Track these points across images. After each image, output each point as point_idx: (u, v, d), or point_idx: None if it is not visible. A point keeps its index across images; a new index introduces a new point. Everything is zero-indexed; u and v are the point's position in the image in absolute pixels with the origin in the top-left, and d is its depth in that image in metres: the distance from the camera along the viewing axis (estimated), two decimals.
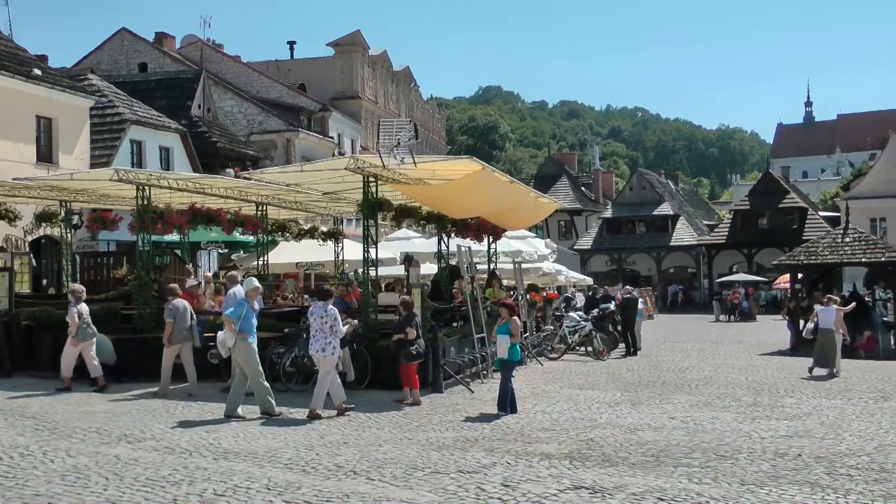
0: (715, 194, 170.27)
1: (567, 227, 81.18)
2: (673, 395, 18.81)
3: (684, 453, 12.47)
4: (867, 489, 10.49)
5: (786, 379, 22.20)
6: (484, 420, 15.23)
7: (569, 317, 29.48)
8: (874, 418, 15.96)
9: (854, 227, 34.37)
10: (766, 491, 10.32)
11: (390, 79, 71.74)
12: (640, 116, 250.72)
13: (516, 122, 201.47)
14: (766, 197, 70.45)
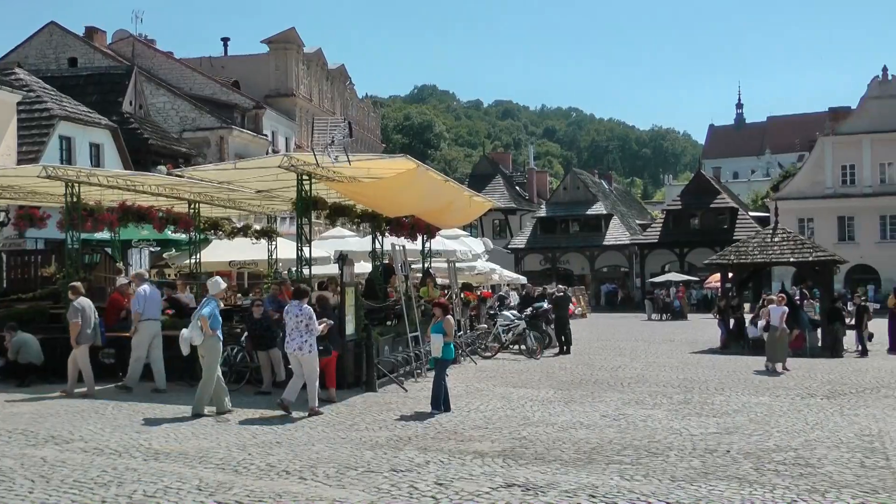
0: (648, 194, 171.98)
1: (501, 227, 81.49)
2: (605, 394, 18.96)
3: (616, 450, 12.58)
4: (793, 484, 10.67)
5: (716, 377, 22.48)
6: (417, 419, 15.23)
7: (502, 315, 29.61)
8: (801, 415, 16.23)
9: (783, 227, 34.92)
10: (696, 487, 10.45)
11: (325, 77, 71.42)
12: (574, 116, 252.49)
13: (451, 122, 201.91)
14: (698, 197, 71.36)
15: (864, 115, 66.46)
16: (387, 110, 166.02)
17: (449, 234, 31.43)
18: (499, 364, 25.29)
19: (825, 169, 67.57)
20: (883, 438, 13.76)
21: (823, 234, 63.41)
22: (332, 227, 30.08)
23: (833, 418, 15.85)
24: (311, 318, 15.85)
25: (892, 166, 65.80)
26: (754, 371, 24.04)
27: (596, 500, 9.78)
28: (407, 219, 25.15)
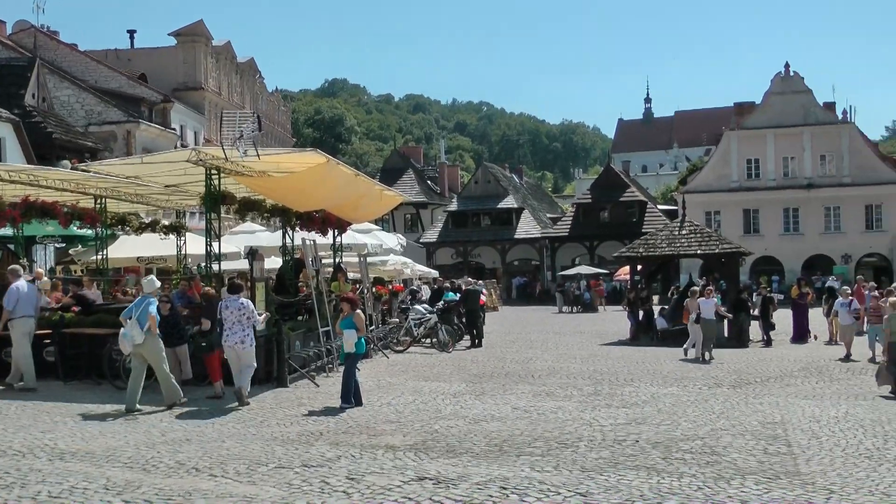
0: (558, 188, 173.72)
1: (413, 221, 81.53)
2: (516, 386, 19.09)
3: (527, 442, 12.68)
4: (700, 472, 10.87)
5: (625, 368, 22.77)
6: (329, 414, 15.17)
7: (414, 309, 29.62)
8: (707, 404, 16.53)
9: (690, 220, 35.52)
10: (606, 477, 10.58)
11: (234, 70, 70.64)
12: (485, 111, 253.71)
13: (362, 116, 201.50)
14: (608, 191, 72.18)
15: (768, 110, 67.92)
16: (297, 104, 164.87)
17: (360, 229, 31.34)
18: (411, 358, 25.30)
19: (731, 163, 68.90)
20: (785, 426, 14.09)
21: (730, 227, 64.64)
22: (241, 222, 29.76)
23: (738, 407, 16.18)
24: (252, 311, 16.25)
25: (794, 160, 67.32)
26: (679, 359, 24.79)
27: (507, 492, 9.84)
28: (318, 213, 24.97)
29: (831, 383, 19.78)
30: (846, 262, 65.52)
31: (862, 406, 16.36)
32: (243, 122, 18.14)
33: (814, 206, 66.85)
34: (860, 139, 68.24)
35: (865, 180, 65.78)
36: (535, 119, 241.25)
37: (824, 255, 66.24)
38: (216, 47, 66.65)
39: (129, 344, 15.43)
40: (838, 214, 66.77)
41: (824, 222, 67.07)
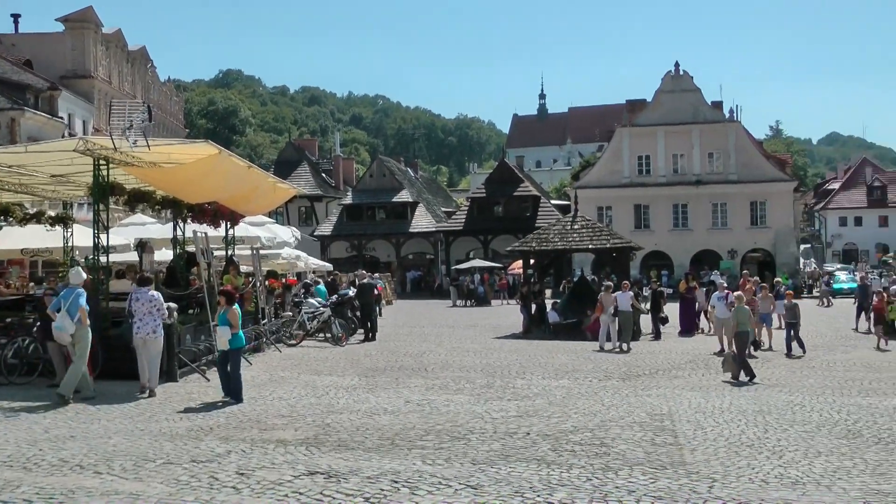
0: (453, 182, 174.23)
1: (307, 214, 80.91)
2: (409, 380, 19.12)
3: (419, 435, 12.71)
4: (589, 463, 11.04)
5: (518, 361, 22.97)
6: (219, 409, 15.00)
7: (308, 303, 29.45)
8: (598, 396, 16.79)
9: (582, 215, 35.96)
10: (496, 469, 10.67)
11: (125, 58, 69.25)
12: (381, 104, 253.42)
13: (257, 107, 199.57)
14: (502, 185, 72.61)
15: (659, 108, 69.09)
16: (191, 94, 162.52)
17: (253, 221, 30.98)
18: (304, 352, 25.15)
19: (623, 159, 69.90)
20: (672, 417, 14.39)
21: (621, 222, 65.66)
22: (131, 214, 29.20)
23: (628, 399, 16.47)
24: (162, 303, 16.96)
25: (683, 157, 68.61)
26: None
27: (398, 486, 9.86)
28: (210, 205, 24.60)
29: (716, 375, 20.23)
30: (732, 256, 67.10)
31: (745, 397, 16.80)
32: (133, 112, 17.77)
33: (702, 202, 68.25)
34: (746, 138, 69.88)
35: (751, 178, 67.40)
36: (431, 113, 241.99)
37: (711, 251, 67.70)
38: (106, 35, 65.25)
39: (66, 336, 15.59)
40: (725, 211, 68.29)
41: (712, 218, 68.53)
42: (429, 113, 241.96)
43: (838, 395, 17.07)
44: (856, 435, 13.04)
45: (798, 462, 11.23)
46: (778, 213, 67.60)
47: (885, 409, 15.48)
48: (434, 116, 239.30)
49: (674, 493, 9.64)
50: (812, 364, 22.69)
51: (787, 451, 11.85)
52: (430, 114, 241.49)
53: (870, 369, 20.99)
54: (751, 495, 9.60)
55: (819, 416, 14.64)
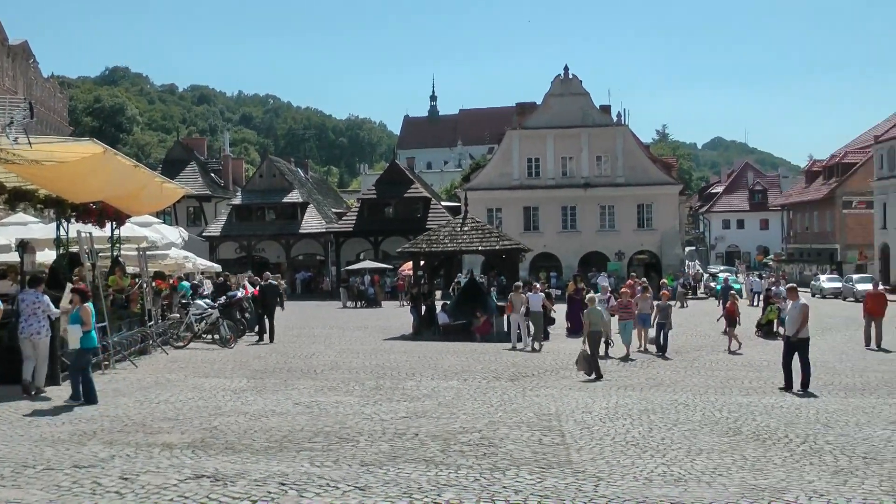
0: (344, 183, 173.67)
1: (196, 214, 79.68)
2: (298, 381, 19.00)
3: (307, 437, 12.65)
4: (476, 463, 11.12)
5: (407, 362, 23.01)
6: (103, 412, 14.69)
7: (195, 304, 29.04)
8: (486, 397, 16.91)
9: (472, 216, 36.16)
10: (385, 470, 10.68)
11: (6, 53, 67.32)
12: (271, 104, 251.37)
13: (145, 105, 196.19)
14: (393, 187, 72.61)
15: (548, 111, 69.85)
16: (75, 92, 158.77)
17: (140, 221, 30.40)
18: (191, 354, 24.78)
19: (513, 161, 70.47)
20: (559, 417, 14.59)
21: (510, 224, 66.18)
22: (12, 213, 28.38)
23: (516, 400, 16.63)
24: (49, 304, 16.86)
25: (572, 160, 69.47)
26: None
27: (286, 488, 9.80)
28: (95, 205, 24.07)
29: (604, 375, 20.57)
30: (619, 258, 68.23)
31: (631, 396, 17.12)
32: (14, 108, 17.35)
33: (590, 204, 69.21)
34: (633, 142, 71.11)
35: (637, 181, 68.62)
36: (322, 113, 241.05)
37: (599, 252, 68.74)
38: None
39: None
40: (612, 213, 69.36)
41: (599, 220, 69.53)
42: (320, 113, 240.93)
43: (720, 394, 17.51)
44: (736, 432, 13.40)
45: (681, 460, 11.49)
46: (664, 216, 68.97)
47: (763, 406, 15.94)
48: (325, 117, 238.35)
49: (560, 493, 9.77)
50: (696, 364, 23.22)
51: (670, 450, 12.11)
52: (321, 114, 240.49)
53: (750, 368, 21.56)
54: (635, 493, 9.78)
55: (702, 415, 15.00)
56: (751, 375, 20.36)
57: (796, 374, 18.53)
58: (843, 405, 16.27)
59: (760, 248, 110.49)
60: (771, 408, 15.83)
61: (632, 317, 25.75)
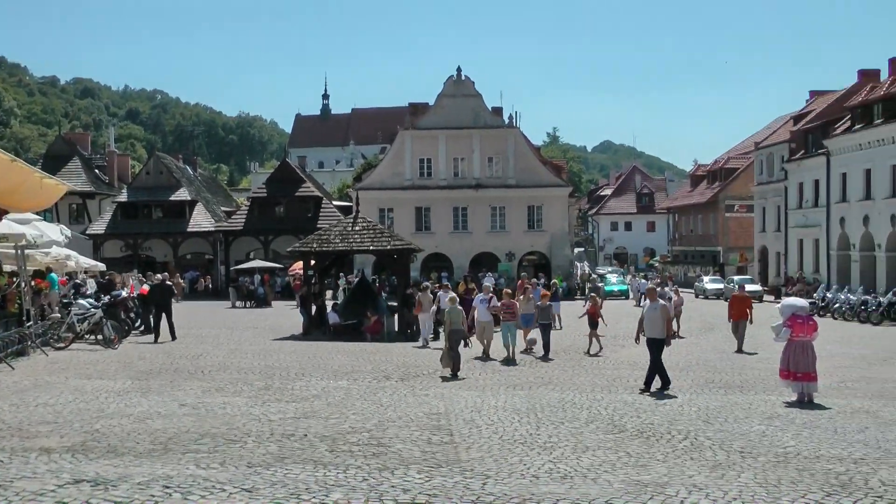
0: (234, 181, 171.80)
1: (79, 211, 77.76)
2: (185, 382, 18.68)
3: (193, 439, 12.43)
4: (365, 463, 11.07)
5: (297, 362, 22.84)
6: None
7: (78, 304, 28.33)
8: (376, 397, 16.86)
9: (364, 216, 36.07)
10: (272, 471, 10.56)
11: None
12: (159, 99, 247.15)
13: (24, 98, 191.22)
14: (283, 185, 71.98)
15: (440, 111, 70.06)
16: None
17: (19, 218, 29.55)
18: (73, 355, 24.13)
19: (405, 161, 70.51)
20: (449, 416, 14.63)
21: (402, 224, 66.19)
22: None
23: (405, 399, 16.63)
24: None
25: (464, 161, 69.82)
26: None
27: (170, 492, 9.60)
28: None
29: (493, 374, 20.76)
30: (510, 259, 68.85)
31: (519, 395, 17.27)
32: None
33: (481, 205, 69.66)
34: (524, 144, 71.78)
35: (528, 182, 69.33)
36: (212, 110, 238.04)
37: (490, 253, 69.25)
38: None
39: None
40: (503, 214, 69.94)
41: (490, 221, 70.05)
42: (209, 110, 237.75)
43: (606, 392, 17.78)
44: (621, 429, 13.62)
45: (567, 457, 11.62)
46: (553, 218, 69.83)
47: (647, 404, 16.26)
48: (215, 114, 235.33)
49: (448, 491, 9.78)
50: (583, 363, 23.56)
51: (557, 447, 12.24)
52: (211, 111, 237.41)
53: (635, 367, 21.89)
54: (522, 491, 9.85)
55: (588, 413, 15.20)
56: (636, 374, 20.65)
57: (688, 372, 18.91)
58: (723, 402, 16.70)
59: (647, 250, 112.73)
60: (655, 405, 16.15)
61: (514, 318, 25.51)
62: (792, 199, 66.30)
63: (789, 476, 10.71)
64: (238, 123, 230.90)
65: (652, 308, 18.97)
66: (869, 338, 32.50)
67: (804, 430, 13.81)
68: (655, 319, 18.72)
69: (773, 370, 18.16)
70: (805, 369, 17.05)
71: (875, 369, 22.76)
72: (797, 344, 17.25)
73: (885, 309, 39.65)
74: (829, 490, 10.04)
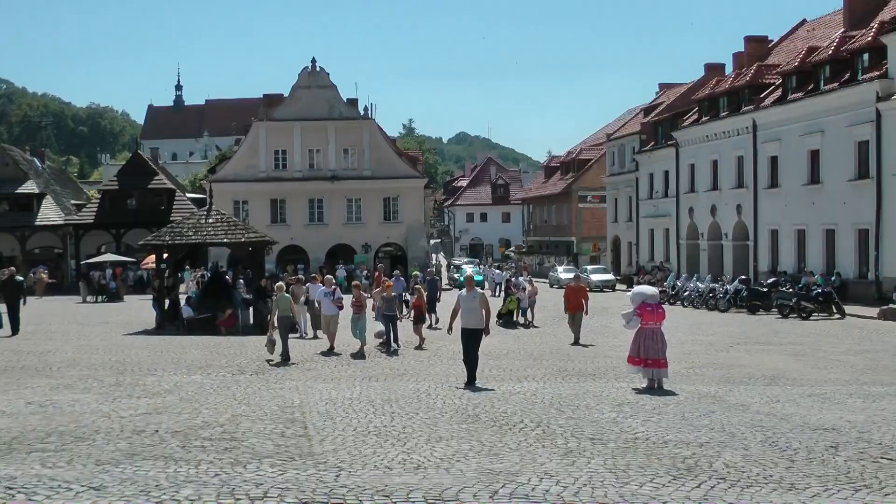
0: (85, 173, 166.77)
1: None
2: (32, 380, 18.20)
3: (39, 438, 12.17)
4: (218, 458, 11.02)
5: (150, 357, 22.48)
6: None
7: None
8: (230, 391, 16.77)
9: (217, 208, 35.61)
10: (122, 469, 10.41)
11: None
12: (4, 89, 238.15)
13: None
14: (136, 178, 70.44)
15: (295, 103, 69.63)
16: None
17: None
18: None
19: (259, 153, 69.89)
20: (303, 409, 14.65)
21: (258, 216, 65.60)
22: None
23: (260, 393, 16.58)
24: None
25: (319, 153, 69.61)
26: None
27: (13, 492, 9.38)
28: None
29: (347, 366, 20.85)
30: (366, 251, 68.96)
31: (374, 387, 17.38)
32: None
33: (337, 197, 69.57)
34: (380, 135, 71.94)
35: (384, 174, 69.56)
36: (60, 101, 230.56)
37: (347, 245, 69.20)
38: None
39: None
40: (360, 206, 70.01)
41: (346, 213, 70.06)
42: (58, 100, 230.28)
43: (461, 382, 17.97)
44: (475, 419, 13.84)
45: (421, 448, 11.76)
46: (410, 209, 70.21)
47: (501, 393, 16.54)
48: (64, 104, 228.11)
49: (301, 484, 9.81)
50: (438, 354, 23.82)
51: (411, 438, 12.38)
52: (60, 101, 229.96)
53: (490, 357, 22.20)
54: (375, 482, 9.92)
55: (443, 403, 15.41)
56: (490, 364, 20.99)
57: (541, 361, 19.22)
58: (575, 390, 17.09)
59: (503, 241, 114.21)
60: (509, 394, 16.43)
61: (362, 311, 24.71)
62: (643, 189, 68.12)
63: (638, 461, 10.99)
64: (88, 114, 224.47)
65: (470, 297, 18.35)
66: (716, 325, 33.61)
67: (653, 415, 14.20)
68: (474, 309, 18.17)
69: (625, 358, 18.53)
70: (655, 356, 17.45)
71: (722, 355, 23.55)
72: (647, 331, 17.66)
73: (732, 296, 41.00)
74: (676, 474, 10.32)
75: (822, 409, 14.78)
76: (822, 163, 45.08)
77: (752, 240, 51.83)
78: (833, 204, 43.74)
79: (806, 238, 46.54)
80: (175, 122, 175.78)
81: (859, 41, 43.37)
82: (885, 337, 28.34)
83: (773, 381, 18.33)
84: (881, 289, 39.98)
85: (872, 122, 40.94)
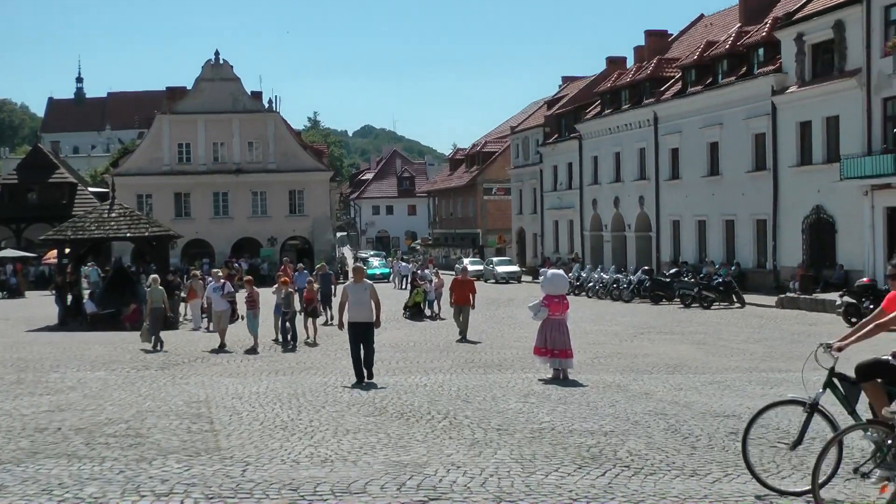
0: None
1: None
2: None
3: None
4: (122, 454, 10.93)
5: (52, 354, 22.19)
6: None
7: None
8: (135, 387, 16.62)
9: (120, 202, 35.17)
10: (23, 468, 10.29)
11: None
12: None
13: None
14: (36, 172, 69.21)
15: (199, 95, 68.96)
16: None
17: None
18: None
19: (163, 146, 69.08)
20: (209, 404, 14.59)
21: (162, 210, 64.88)
22: None
23: (165, 388, 16.47)
24: None
25: (224, 146, 69.03)
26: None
27: None
28: None
29: (254, 361, 20.78)
30: (272, 244, 68.59)
31: (281, 381, 17.37)
32: None
33: (242, 190, 69.11)
34: (284, 128, 71.66)
35: (289, 167, 69.29)
36: None
37: (252, 238, 68.80)
38: None
39: None
40: (265, 199, 69.65)
41: (252, 206, 69.63)
42: None
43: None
44: (382, 412, 13.91)
45: (328, 441, 11.78)
46: (315, 202, 70.07)
47: (408, 385, 16.62)
48: None
49: (207, 479, 9.78)
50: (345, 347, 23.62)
51: (318, 431, 12.40)
52: None
53: (397, 349, 22.37)
54: (282, 476, 9.92)
55: (349, 396, 15.45)
56: (397, 356, 21.13)
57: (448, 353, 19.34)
58: (483, 381, 17.21)
59: (409, 233, 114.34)
60: (416, 386, 16.51)
61: (256, 306, 24.21)
62: (547, 181, 68.86)
63: (543, 451, 11.11)
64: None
65: (360, 288, 17.56)
66: (620, 315, 34.14)
67: (559, 405, 14.36)
68: (364, 301, 17.41)
69: (531, 349, 18.71)
70: (562, 346, 17.65)
71: (626, 345, 23.93)
72: (553, 322, 17.90)
73: (636, 287, 41.72)
74: (581, 462, 10.45)
75: (723, 396, 15.13)
76: (722, 155, 46.16)
77: (655, 231, 52.81)
78: (732, 195, 44.79)
79: (706, 229, 47.61)
80: (76, 115, 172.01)
81: (755, 36, 44.48)
82: (782, 325, 29.15)
83: (676, 370, 18.70)
84: (779, 278, 41.15)
85: (768, 115, 42.04)
